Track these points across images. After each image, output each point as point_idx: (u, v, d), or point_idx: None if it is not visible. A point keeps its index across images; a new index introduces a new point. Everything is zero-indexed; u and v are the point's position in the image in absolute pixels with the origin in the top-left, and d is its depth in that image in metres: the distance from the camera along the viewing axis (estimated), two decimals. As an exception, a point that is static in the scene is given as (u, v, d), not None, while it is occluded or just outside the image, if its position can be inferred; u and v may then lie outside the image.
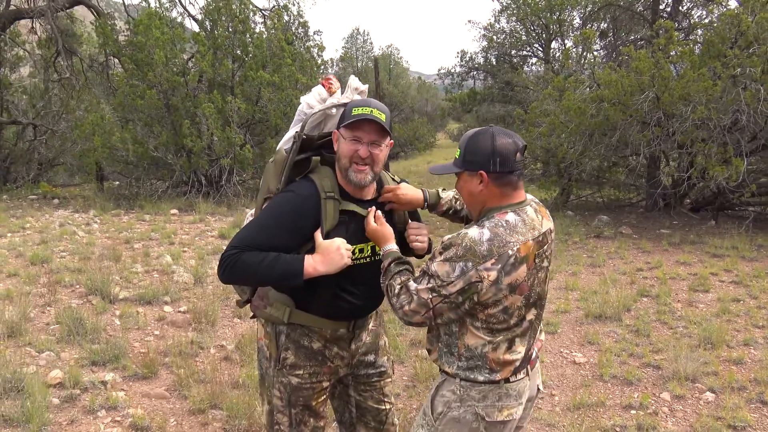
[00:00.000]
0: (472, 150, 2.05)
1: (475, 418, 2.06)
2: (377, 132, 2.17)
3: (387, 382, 2.55)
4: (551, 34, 22.66)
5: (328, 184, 2.23)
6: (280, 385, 2.35)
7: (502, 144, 2.02)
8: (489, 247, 1.94)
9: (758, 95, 9.22)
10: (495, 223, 1.99)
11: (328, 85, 2.36)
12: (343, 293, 2.27)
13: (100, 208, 10.91)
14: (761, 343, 5.26)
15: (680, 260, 8.27)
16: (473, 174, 2.05)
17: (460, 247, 1.95)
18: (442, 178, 17.92)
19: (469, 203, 2.15)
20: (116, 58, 14.55)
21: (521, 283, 2.00)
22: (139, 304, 5.81)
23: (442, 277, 1.97)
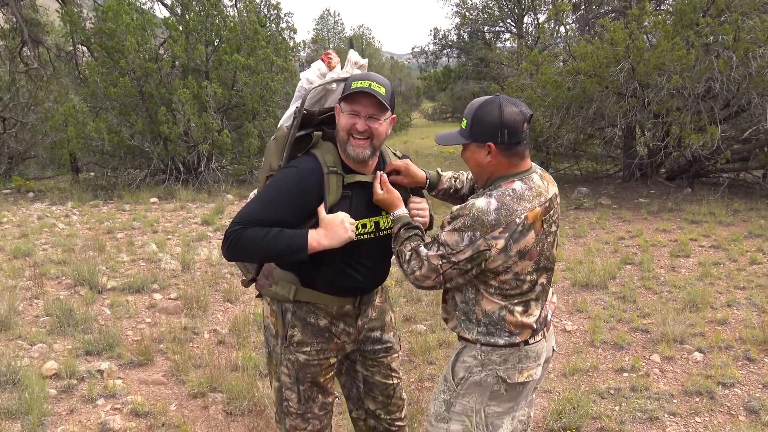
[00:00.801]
0: (480, 121, 2.05)
1: (497, 381, 2.12)
2: (375, 106, 2.15)
3: (394, 358, 2.57)
4: (523, 9, 22.68)
5: (331, 158, 2.22)
6: (288, 362, 2.36)
7: (510, 114, 2.02)
8: (496, 216, 1.97)
9: (731, 62, 9.38)
10: (502, 192, 2.02)
11: (327, 60, 2.35)
12: (347, 269, 2.28)
13: (78, 199, 10.74)
14: (743, 303, 5.42)
15: (660, 228, 8.43)
16: (481, 145, 2.07)
17: (468, 217, 1.98)
18: (431, 157, 17.95)
19: (477, 173, 2.17)
20: (85, 47, 14.22)
21: (530, 249, 2.04)
22: (128, 293, 5.77)
23: (451, 246, 2.01)
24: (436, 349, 4.58)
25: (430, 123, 36.57)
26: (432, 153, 19.63)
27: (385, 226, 2.32)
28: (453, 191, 2.50)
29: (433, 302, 5.60)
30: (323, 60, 2.38)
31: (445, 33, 25.79)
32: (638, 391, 3.89)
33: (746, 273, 6.33)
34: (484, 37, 24.09)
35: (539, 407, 3.73)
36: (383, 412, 2.58)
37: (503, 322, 2.09)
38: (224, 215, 9.44)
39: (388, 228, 2.32)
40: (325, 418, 2.46)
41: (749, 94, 9.67)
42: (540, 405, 3.76)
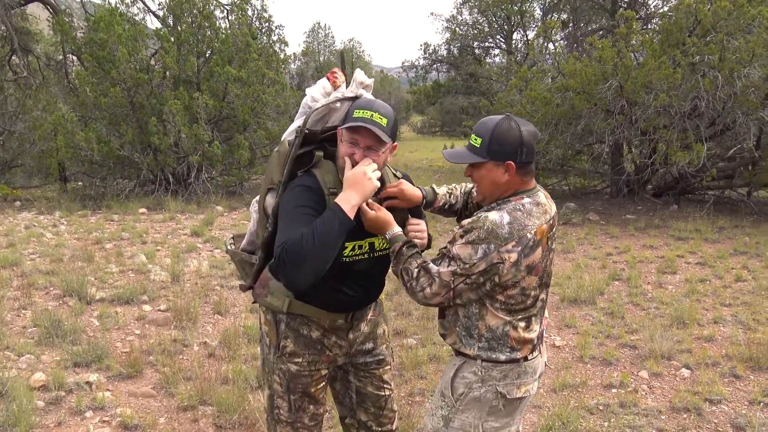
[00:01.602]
0: (499, 140, 2.06)
1: (496, 396, 2.14)
2: (374, 138, 2.14)
3: (386, 370, 2.59)
4: (513, 26, 22.94)
5: (331, 179, 2.24)
6: (280, 371, 2.40)
7: (528, 134, 2.07)
8: (510, 230, 2.01)
9: (716, 82, 9.54)
10: (513, 207, 2.06)
11: (332, 79, 2.34)
12: (341, 287, 2.29)
13: (66, 209, 10.67)
14: (729, 320, 5.48)
15: (647, 244, 8.53)
16: (499, 164, 2.08)
17: (482, 230, 2.00)
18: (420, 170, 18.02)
19: (490, 191, 2.15)
20: (75, 56, 14.19)
21: (537, 264, 2.08)
22: (117, 304, 5.73)
23: (464, 260, 2.02)
24: (427, 364, 4.59)
25: (419, 136, 36.71)
26: (421, 167, 19.72)
27: (380, 247, 2.33)
28: (448, 207, 2.52)
29: (423, 316, 5.62)
30: (329, 78, 2.36)
31: (435, 48, 26.03)
32: (627, 407, 3.93)
33: (732, 290, 6.41)
34: (473, 52, 24.31)
35: (529, 422, 3.75)
36: (374, 424, 2.60)
37: (506, 337, 2.11)
38: (213, 226, 9.42)
39: (382, 249, 2.34)
40: (315, 428, 2.48)
41: (734, 113, 9.83)
42: (530, 420, 3.78)
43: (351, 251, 2.27)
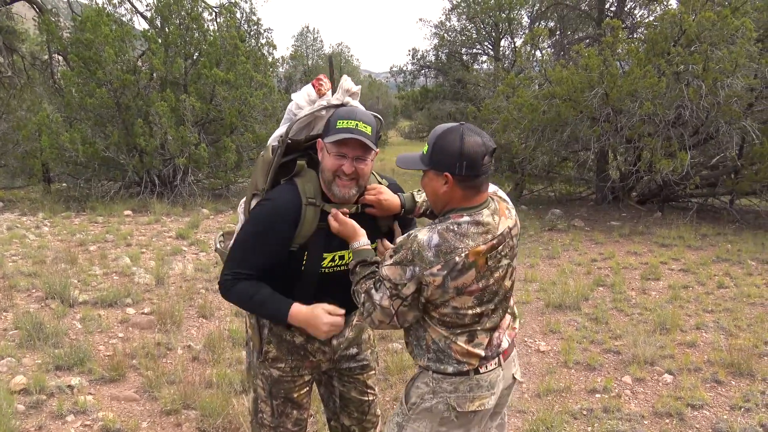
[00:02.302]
0: (440, 149, 2.00)
1: (447, 408, 2.09)
2: (362, 147, 2.13)
3: (370, 375, 2.59)
4: (501, 33, 23.08)
5: (311, 188, 2.21)
6: (262, 376, 2.41)
7: (471, 146, 1.96)
8: (436, 252, 1.94)
9: (700, 91, 9.66)
10: (446, 227, 1.98)
11: (318, 86, 2.28)
12: (322, 297, 2.27)
13: (49, 210, 10.56)
14: (711, 326, 5.54)
15: (631, 250, 8.60)
16: (438, 174, 2.01)
17: (409, 251, 1.96)
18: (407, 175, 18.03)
19: (432, 201, 2.12)
20: (61, 56, 14.07)
21: (470, 286, 1.99)
22: (101, 307, 5.68)
23: (395, 281, 1.99)
24: (412, 369, 4.58)
25: (407, 141, 36.78)
26: (408, 171, 19.73)
27: None
28: (429, 213, 2.46)
29: (409, 321, 5.61)
30: (314, 85, 2.31)
31: (423, 53, 26.10)
32: (610, 412, 3.95)
33: (714, 296, 6.48)
34: (461, 58, 24.42)
35: (513, 427, 3.77)
36: (358, 428, 2.61)
37: (449, 350, 2.06)
38: (199, 229, 9.37)
39: None
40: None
41: (717, 122, 9.96)
42: (514, 425, 3.80)
43: (330, 262, 2.26)
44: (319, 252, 2.23)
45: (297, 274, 2.25)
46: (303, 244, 2.20)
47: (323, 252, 2.23)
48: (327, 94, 2.30)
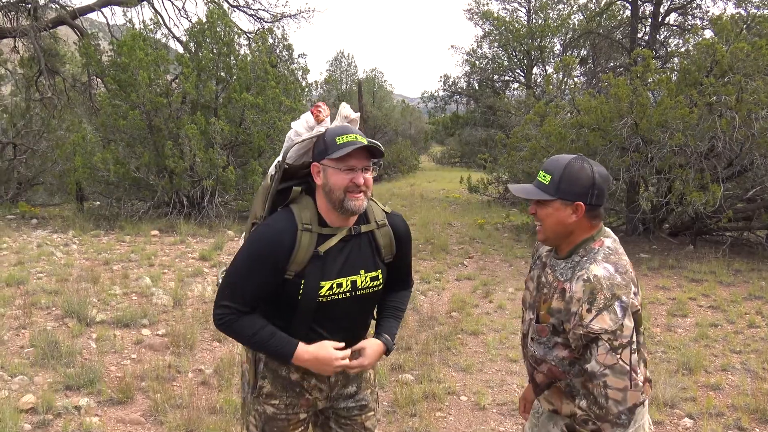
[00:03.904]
0: (570, 179, 1.99)
1: None
2: (367, 157, 2.15)
3: (369, 416, 2.47)
4: (533, 60, 23.06)
5: (308, 215, 2.18)
6: (256, 413, 2.33)
7: (601, 175, 2.01)
8: (622, 277, 1.90)
9: (733, 123, 9.42)
10: (604, 255, 1.97)
11: (316, 113, 2.27)
12: (320, 329, 2.22)
13: (80, 228, 10.79)
14: (738, 368, 5.31)
15: (659, 285, 8.35)
16: (568, 203, 2.00)
17: (603, 290, 1.87)
18: (435, 201, 17.98)
19: (554, 231, 2.05)
20: (99, 78, 14.51)
21: (637, 305, 1.95)
22: (117, 327, 5.73)
23: (613, 328, 1.84)
24: (421, 401, 4.50)
25: (438, 167, 36.81)
26: (437, 197, 19.70)
27: (363, 285, 2.26)
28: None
29: (423, 351, 5.53)
30: (312, 112, 2.29)
31: (455, 80, 26.18)
32: (624, 456, 3.79)
33: (743, 336, 6.22)
34: (493, 85, 24.42)
35: (521, 468, 3.63)
36: None
37: None
38: (223, 251, 9.44)
39: (365, 287, 2.27)
40: None
41: (752, 155, 9.69)
42: (522, 466, 3.66)
43: (328, 290, 2.20)
44: (316, 280, 2.17)
45: (294, 302, 2.19)
46: (299, 272, 2.15)
47: (320, 280, 2.17)
48: (326, 121, 2.29)
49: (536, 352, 2.10)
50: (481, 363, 5.44)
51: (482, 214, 15.12)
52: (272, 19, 18.82)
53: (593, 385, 1.87)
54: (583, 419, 1.94)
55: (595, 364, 1.85)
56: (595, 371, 1.86)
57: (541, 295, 2.10)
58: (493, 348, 5.79)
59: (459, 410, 4.50)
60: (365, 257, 2.27)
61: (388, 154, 28.74)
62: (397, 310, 2.49)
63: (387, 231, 2.33)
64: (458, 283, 8.57)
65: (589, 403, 1.90)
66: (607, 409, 1.85)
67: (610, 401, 1.84)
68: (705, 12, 16.75)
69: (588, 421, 1.93)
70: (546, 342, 2.05)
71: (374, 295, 2.33)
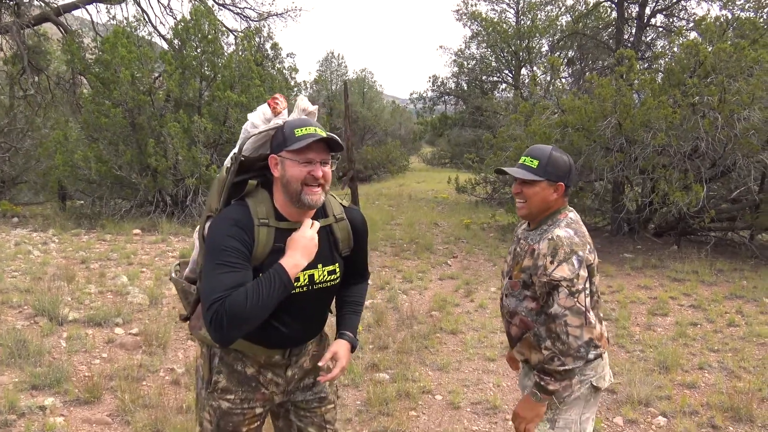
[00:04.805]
0: (554, 164, 2.37)
1: (590, 391, 2.40)
2: (326, 150, 2.12)
3: (329, 409, 2.44)
4: (521, 61, 23.06)
5: (263, 209, 2.14)
6: (210, 408, 2.28)
7: (572, 162, 2.43)
8: (580, 238, 2.30)
9: (716, 123, 9.44)
10: (567, 222, 2.36)
11: (273, 104, 2.21)
12: (275, 323, 2.18)
13: (60, 227, 10.66)
14: (715, 367, 5.29)
15: (641, 284, 8.34)
16: (552, 184, 2.37)
17: (563, 246, 2.25)
18: (423, 201, 17.93)
19: (538, 208, 2.40)
20: (82, 76, 14.37)
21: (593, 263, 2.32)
22: (89, 326, 5.64)
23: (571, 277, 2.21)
24: (394, 401, 4.44)
25: (428, 168, 36.77)
26: (425, 198, 19.66)
27: (320, 279, 2.23)
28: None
29: (400, 350, 5.48)
30: (269, 104, 2.24)
31: (443, 80, 26.14)
32: (595, 455, 3.75)
33: (722, 335, 6.21)
34: (481, 86, 24.41)
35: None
36: None
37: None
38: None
39: (323, 281, 2.23)
40: None
41: (734, 155, 9.70)
42: (492, 465, 3.62)
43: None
44: None
45: None
46: (257, 267, 2.09)
47: None
48: (283, 113, 2.23)
49: (510, 306, 2.47)
50: (458, 362, 5.39)
51: (469, 215, 15.09)
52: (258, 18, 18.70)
53: (556, 325, 2.22)
54: (550, 357, 2.24)
55: (557, 306, 2.22)
56: (558, 312, 2.21)
57: (515, 261, 2.48)
58: (471, 347, 5.75)
59: (433, 409, 4.45)
60: (323, 251, 2.23)
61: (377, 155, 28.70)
62: (356, 305, 2.48)
63: (345, 225, 2.32)
64: (441, 282, 8.53)
65: (553, 341, 2.23)
66: (569, 344, 2.20)
67: (571, 337, 2.20)
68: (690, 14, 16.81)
69: (554, 358, 2.23)
70: (517, 295, 2.42)
71: (332, 288, 2.30)
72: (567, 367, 2.21)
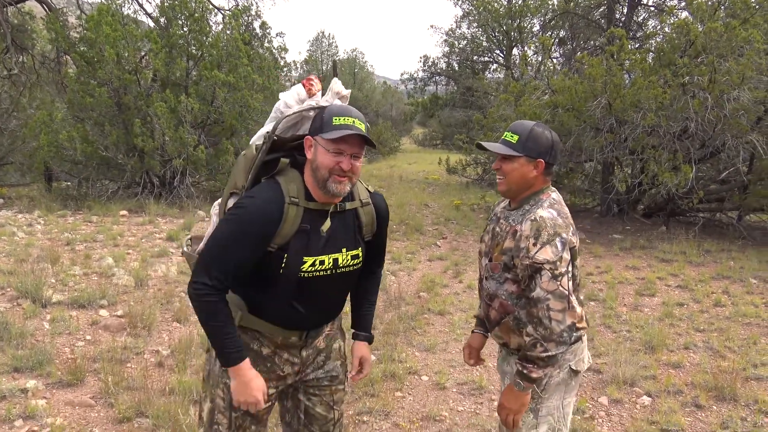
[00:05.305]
0: (535, 140, 2.28)
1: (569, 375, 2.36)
2: (360, 144, 2.11)
3: (338, 389, 2.46)
4: (512, 41, 22.88)
5: (294, 188, 2.14)
6: (224, 386, 2.27)
7: (556, 139, 2.34)
8: (563, 219, 2.24)
9: (706, 103, 9.41)
10: (550, 203, 2.29)
11: (308, 86, 2.24)
12: (298, 305, 2.20)
13: (46, 208, 10.54)
14: (700, 346, 5.32)
15: (630, 265, 8.37)
16: (531, 160, 2.29)
17: (546, 227, 2.19)
18: (414, 183, 17.88)
19: (517, 185, 2.33)
20: (67, 55, 14.14)
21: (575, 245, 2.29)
22: (74, 308, 5.58)
23: (554, 260, 2.15)
24: (380, 382, 4.43)
25: (420, 149, 36.65)
26: (416, 179, 19.61)
27: (344, 263, 2.24)
28: None
29: (387, 331, 5.47)
30: (304, 85, 2.27)
31: (435, 61, 25.93)
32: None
33: (708, 315, 6.24)
34: (472, 66, 24.24)
35: (475, 448, 3.59)
36: None
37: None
38: (191, 232, 9.28)
39: (347, 265, 2.25)
40: None
41: (724, 136, 9.69)
42: (476, 446, 3.62)
43: (311, 266, 2.16)
44: (299, 255, 2.13)
45: (275, 276, 2.15)
46: (283, 246, 2.11)
47: (304, 255, 2.14)
48: (317, 95, 2.26)
49: (490, 288, 2.40)
50: (445, 342, 5.39)
51: (459, 196, 15.06)
52: (247, -4, 18.38)
53: (538, 309, 2.16)
54: (532, 343, 2.18)
55: (540, 290, 2.15)
56: (540, 296, 2.15)
57: (495, 242, 2.39)
58: (459, 327, 5.75)
59: (419, 390, 4.45)
60: (348, 235, 2.26)
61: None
62: (370, 301, 2.56)
63: (370, 209, 2.34)
64: (430, 263, 8.52)
65: (536, 326, 2.17)
66: (551, 329, 2.14)
67: (553, 322, 2.14)
68: (683, -7, 16.66)
69: (536, 344, 2.17)
70: (498, 278, 2.35)
71: (354, 273, 2.32)
72: (550, 353, 2.15)
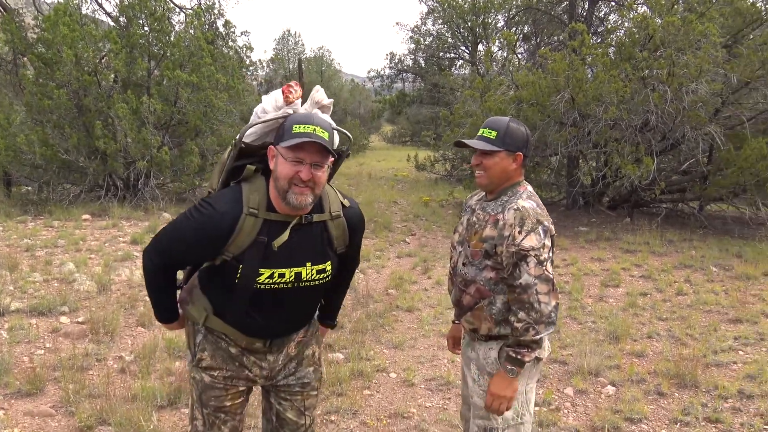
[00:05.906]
0: (512, 135, 2.38)
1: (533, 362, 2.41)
2: (320, 153, 2.01)
3: (310, 395, 2.43)
4: (477, 37, 23.02)
5: (256, 198, 2.08)
6: (194, 381, 2.30)
7: (529, 132, 2.46)
8: (542, 209, 2.34)
9: (665, 96, 9.60)
10: (528, 194, 2.40)
11: (287, 92, 2.14)
12: (256, 314, 2.17)
13: (5, 214, 10.25)
14: (663, 335, 5.42)
15: (595, 256, 8.50)
16: (510, 154, 2.38)
17: (529, 217, 2.28)
18: (383, 180, 17.86)
19: (498, 178, 2.41)
20: (23, 57, 13.77)
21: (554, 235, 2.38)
22: (33, 316, 5.44)
23: (539, 247, 2.24)
24: (348, 381, 4.41)
25: (389, 146, 36.67)
26: (385, 176, 19.62)
27: (308, 278, 2.17)
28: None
29: (355, 330, 5.45)
30: (283, 91, 2.17)
31: (401, 58, 25.96)
32: (546, 426, 3.80)
33: (671, 304, 6.37)
34: (438, 62, 24.33)
35: (443, 443, 3.60)
36: None
37: None
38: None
39: (311, 279, 2.18)
40: None
41: (683, 128, 9.89)
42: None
43: (268, 278, 2.10)
44: (255, 266, 2.08)
45: (231, 284, 2.11)
46: (237, 256, 2.07)
47: (260, 267, 2.08)
48: (296, 103, 2.16)
49: (467, 275, 2.46)
50: (413, 339, 5.40)
51: (428, 192, 15.12)
52: (210, -6, 18.15)
53: (528, 295, 2.24)
54: (525, 328, 2.26)
55: (528, 276, 2.24)
56: (529, 282, 2.24)
57: (472, 231, 2.46)
58: (427, 324, 5.76)
59: (387, 387, 4.44)
60: (314, 248, 2.18)
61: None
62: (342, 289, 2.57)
63: (341, 222, 2.25)
64: (399, 260, 8.53)
65: (527, 311, 2.25)
66: (541, 311, 2.23)
67: (542, 304, 2.24)
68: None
69: (528, 328, 2.25)
70: (478, 264, 2.41)
71: (320, 287, 2.26)
72: (540, 335, 2.25)
